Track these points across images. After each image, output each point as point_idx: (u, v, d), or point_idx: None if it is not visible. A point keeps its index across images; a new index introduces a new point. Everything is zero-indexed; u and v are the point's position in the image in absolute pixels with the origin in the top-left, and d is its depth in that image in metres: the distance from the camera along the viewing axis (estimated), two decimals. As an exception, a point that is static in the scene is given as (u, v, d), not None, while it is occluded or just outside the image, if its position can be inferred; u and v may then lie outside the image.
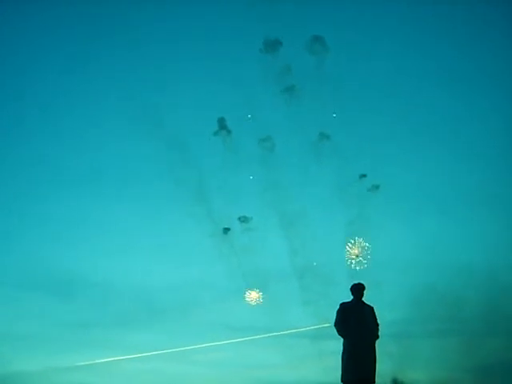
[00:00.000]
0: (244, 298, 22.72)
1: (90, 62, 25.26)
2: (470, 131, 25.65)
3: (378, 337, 10.79)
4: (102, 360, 39.66)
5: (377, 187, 21.77)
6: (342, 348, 10.77)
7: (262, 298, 22.64)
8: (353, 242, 21.90)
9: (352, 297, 10.99)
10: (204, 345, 34.70)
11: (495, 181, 25.35)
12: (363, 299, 10.96)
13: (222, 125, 21.64)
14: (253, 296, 22.76)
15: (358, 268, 21.60)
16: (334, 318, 10.88)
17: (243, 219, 22.06)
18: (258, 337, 27.98)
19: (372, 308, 10.95)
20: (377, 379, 10.54)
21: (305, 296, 22.40)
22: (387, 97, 24.15)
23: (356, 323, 10.55)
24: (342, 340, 10.81)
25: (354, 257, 21.65)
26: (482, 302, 22.79)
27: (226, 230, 22.16)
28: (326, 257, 22.22)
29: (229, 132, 21.65)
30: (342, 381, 10.56)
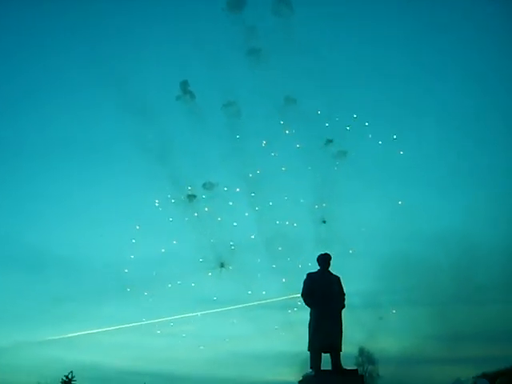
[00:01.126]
0: (212, 269, 22.35)
1: (54, 26, 24.30)
2: (445, 96, 25.41)
3: (343, 306, 10.90)
4: (74, 334, 39.41)
5: (344, 153, 21.49)
6: (309, 317, 10.89)
7: (230, 270, 22.31)
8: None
9: (318, 267, 11.05)
10: (174, 317, 34.78)
11: (468, 148, 25.36)
12: (330, 269, 11.02)
13: (184, 89, 20.97)
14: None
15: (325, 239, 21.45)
16: (301, 288, 10.96)
17: (208, 186, 21.54)
18: (227, 308, 28.11)
19: (338, 278, 11.01)
20: (343, 348, 10.69)
21: (273, 266, 22.23)
22: (356, 60, 23.76)
23: (322, 293, 10.65)
24: (309, 310, 10.91)
25: None
26: (454, 269, 22.96)
27: (192, 198, 21.60)
28: (294, 223, 22.00)
29: (192, 96, 21.05)
30: (308, 349, 10.69)
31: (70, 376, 35.65)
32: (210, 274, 22.50)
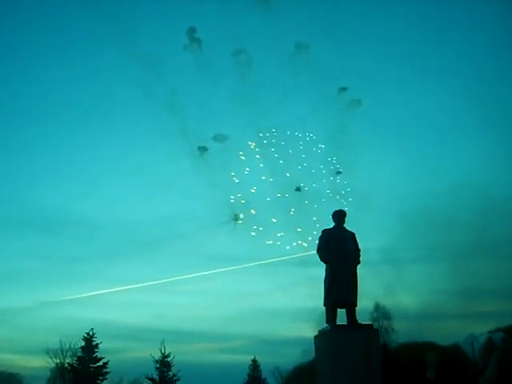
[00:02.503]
0: (227, 224, 21.95)
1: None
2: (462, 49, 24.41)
3: (359, 262, 10.93)
4: (92, 293, 40.24)
5: (358, 102, 20.63)
6: (324, 273, 10.92)
7: (245, 225, 21.94)
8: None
9: (334, 223, 11.03)
10: (191, 275, 35.12)
11: (487, 97, 24.60)
12: (344, 225, 11.02)
13: (192, 36, 20.10)
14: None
15: (342, 192, 20.91)
16: (317, 244, 10.97)
17: (219, 138, 20.82)
18: (243, 266, 28.32)
19: (353, 234, 11.02)
20: (359, 303, 10.75)
21: (289, 221, 21.88)
22: (373, 3, 22.77)
23: (337, 249, 10.68)
24: (325, 266, 10.93)
25: None
26: (472, 223, 22.44)
27: (203, 150, 20.84)
28: (308, 177, 21.50)
29: (199, 43, 20.16)
30: (324, 305, 10.77)
31: (91, 333, 36.65)
32: (225, 229, 22.15)
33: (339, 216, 10.99)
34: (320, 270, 11.03)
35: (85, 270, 45.72)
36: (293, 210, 21.55)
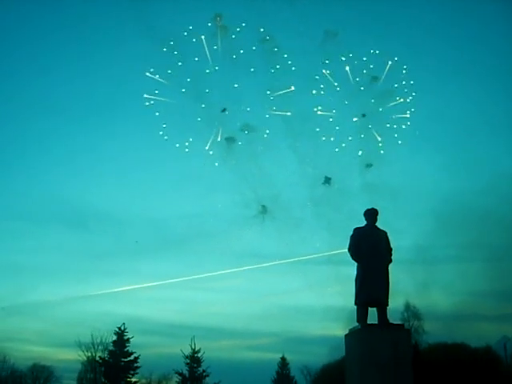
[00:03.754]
0: (255, 218, 21.45)
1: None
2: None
3: (390, 261, 10.85)
4: (120, 288, 40.79)
5: (391, 93, 20.04)
6: (355, 272, 10.88)
7: (274, 221, 21.47)
8: None
9: (365, 222, 10.97)
10: (219, 272, 35.26)
11: None
12: (376, 224, 10.93)
13: (218, 23, 19.57)
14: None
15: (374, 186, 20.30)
16: (348, 243, 10.94)
17: (246, 128, 20.28)
18: (273, 263, 28.24)
19: (385, 233, 10.93)
20: (390, 302, 10.67)
21: (320, 219, 21.42)
22: None
23: (368, 248, 10.60)
24: (356, 264, 10.86)
25: None
26: (506, 220, 21.46)
27: (230, 141, 20.30)
28: (340, 170, 20.87)
29: (226, 30, 19.71)
30: (355, 303, 10.72)
31: (122, 328, 37.15)
32: (253, 225, 21.66)
33: (371, 214, 10.89)
34: (351, 269, 11.01)
35: (114, 265, 46.33)
36: (322, 205, 21.08)
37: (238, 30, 19.96)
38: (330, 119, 20.41)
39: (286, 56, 20.10)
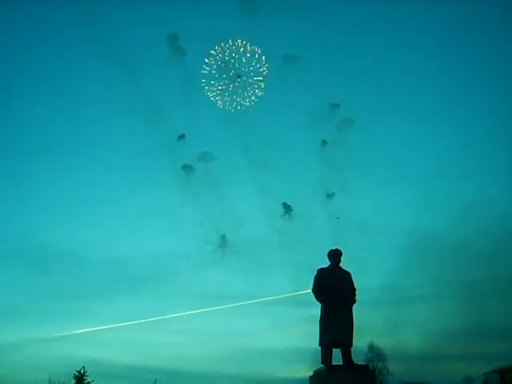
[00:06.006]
0: (216, 253, 20.85)
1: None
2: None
3: (355, 301, 10.89)
4: (81, 330, 39.52)
5: (352, 121, 19.87)
6: (320, 313, 10.84)
7: (239, 263, 20.99)
8: None
9: (329, 262, 11.00)
10: (183, 313, 34.70)
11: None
12: (340, 264, 10.97)
13: (174, 45, 19.30)
14: None
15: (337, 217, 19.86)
16: (312, 283, 10.92)
17: (204, 156, 19.78)
18: (237, 304, 27.93)
19: (349, 273, 10.98)
20: (355, 342, 10.66)
21: (283, 255, 20.91)
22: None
23: (333, 288, 10.62)
24: (320, 305, 10.84)
25: None
26: (486, 253, 20.72)
27: (188, 169, 19.59)
28: (299, 199, 20.22)
29: (183, 52, 19.45)
30: (319, 344, 10.67)
31: (82, 371, 35.72)
32: (215, 263, 20.96)
33: (335, 255, 10.95)
34: (315, 309, 10.98)
35: (74, 306, 44.76)
36: (285, 237, 20.63)
37: (195, 51, 19.86)
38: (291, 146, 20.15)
39: (245, 79, 19.75)
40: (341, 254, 10.96)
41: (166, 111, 19.80)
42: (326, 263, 11.03)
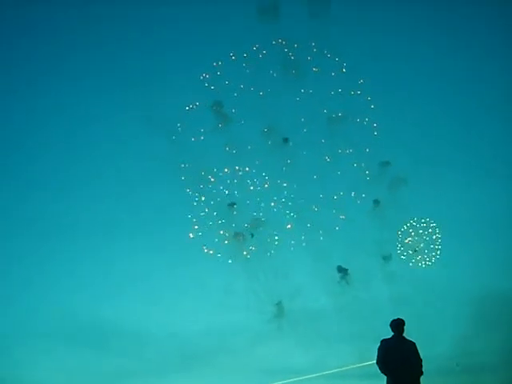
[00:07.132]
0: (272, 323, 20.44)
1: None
2: None
3: (421, 373, 10.56)
4: (140, 410, 39.03)
5: (404, 181, 19.55)
6: (386, 386, 10.59)
7: (297, 333, 20.49)
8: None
9: (392, 333, 10.79)
10: (243, 390, 33.92)
11: None
12: (404, 334, 10.76)
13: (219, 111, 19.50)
14: None
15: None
16: (376, 355, 10.68)
17: (256, 222, 19.76)
18: (298, 378, 27.04)
19: (413, 343, 10.74)
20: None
21: (344, 327, 20.37)
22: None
23: (398, 360, 10.37)
24: (385, 378, 10.56)
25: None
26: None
27: (239, 237, 19.70)
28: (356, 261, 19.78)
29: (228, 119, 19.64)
30: (387, 419, 10.31)
31: None
32: (272, 335, 20.47)
33: (397, 325, 10.75)
34: (381, 382, 10.63)
35: (134, 384, 44.68)
36: (342, 303, 19.96)
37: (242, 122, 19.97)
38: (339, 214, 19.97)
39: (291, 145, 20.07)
40: (403, 324, 10.76)
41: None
42: (387, 331, 10.84)
